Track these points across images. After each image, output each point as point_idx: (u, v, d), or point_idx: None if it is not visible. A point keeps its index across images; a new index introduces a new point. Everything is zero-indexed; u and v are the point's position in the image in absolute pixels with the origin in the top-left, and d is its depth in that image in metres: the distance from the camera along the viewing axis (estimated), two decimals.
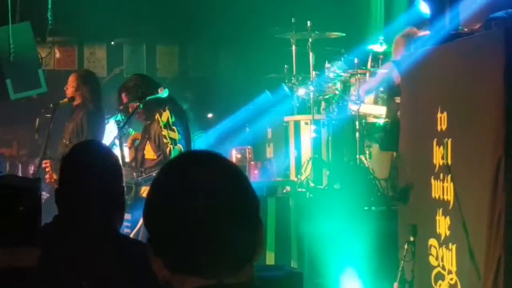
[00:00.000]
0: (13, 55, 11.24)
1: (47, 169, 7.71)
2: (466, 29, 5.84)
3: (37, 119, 7.86)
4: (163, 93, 6.77)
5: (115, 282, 3.06)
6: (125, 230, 5.96)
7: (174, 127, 6.69)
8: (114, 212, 3.29)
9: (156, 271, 1.83)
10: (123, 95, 6.99)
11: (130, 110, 6.92)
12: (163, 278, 1.81)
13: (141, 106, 6.69)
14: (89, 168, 3.23)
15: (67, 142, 7.91)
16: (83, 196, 3.17)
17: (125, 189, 3.43)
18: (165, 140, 6.69)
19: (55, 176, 7.42)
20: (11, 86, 11.26)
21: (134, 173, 6.64)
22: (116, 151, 6.67)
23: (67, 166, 3.30)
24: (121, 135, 6.91)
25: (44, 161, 7.81)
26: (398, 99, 7.17)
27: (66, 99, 7.98)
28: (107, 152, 3.52)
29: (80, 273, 3.04)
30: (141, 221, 6.41)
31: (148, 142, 6.84)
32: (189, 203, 1.75)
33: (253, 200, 1.83)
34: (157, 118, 6.75)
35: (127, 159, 7.06)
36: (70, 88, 8.21)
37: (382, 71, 7.85)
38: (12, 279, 2.31)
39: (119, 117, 7.09)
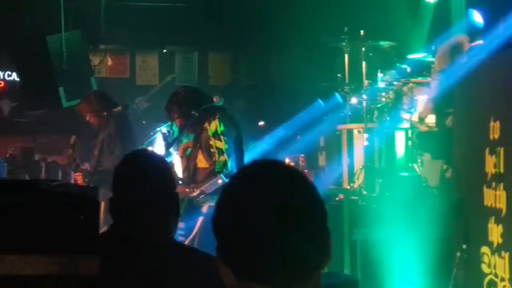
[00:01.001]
0: (65, 63, 11.41)
1: (78, 181, 7.79)
2: None
3: (73, 136, 7.95)
4: (220, 102, 6.79)
5: None
6: (179, 238, 6.01)
7: (221, 137, 6.67)
8: (169, 219, 3.33)
9: (223, 278, 1.86)
10: (174, 108, 6.96)
11: (178, 124, 6.90)
12: (230, 285, 1.84)
13: (196, 114, 6.68)
14: (143, 175, 3.27)
15: (97, 153, 7.99)
16: (137, 204, 3.22)
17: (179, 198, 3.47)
18: (212, 150, 6.69)
19: None
20: (63, 94, 11.43)
21: (187, 189, 6.65)
22: (170, 161, 6.70)
23: (121, 174, 3.34)
24: (172, 145, 6.92)
25: (76, 174, 7.91)
26: (449, 109, 7.14)
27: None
28: (159, 159, 3.57)
29: (138, 280, 3.09)
30: (195, 229, 6.47)
31: (199, 151, 6.83)
32: (257, 213, 1.77)
33: (321, 209, 1.85)
34: (206, 126, 6.73)
35: (178, 168, 7.06)
36: (88, 115, 8.28)
37: (434, 81, 7.83)
38: (76, 287, 2.36)
39: (166, 126, 7.12)
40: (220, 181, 6.45)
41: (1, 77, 14.37)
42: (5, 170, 4.40)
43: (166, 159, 6.20)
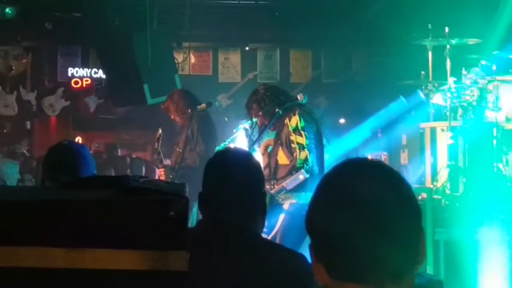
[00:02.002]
0: (150, 61, 11.56)
1: (161, 177, 7.88)
2: None
3: (159, 129, 8.04)
4: (303, 99, 6.79)
5: (260, 285, 3.13)
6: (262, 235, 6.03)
7: (302, 132, 6.66)
8: (256, 216, 3.38)
9: (316, 276, 1.87)
10: (254, 106, 6.99)
11: (259, 122, 6.94)
12: (323, 284, 1.85)
13: (280, 112, 6.71)
14: (232, 172, 3.35)
15: (180, 150, 8.07)
16: (227, 200, 3.29)
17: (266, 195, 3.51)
18: (292, 145, 6.68)
19: None
20: (148, 91, 11.59)
21: (267, 186, 6.67)
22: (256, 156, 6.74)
23: (210, 171, 3.42)
24: (255, 143, 6.95)
25: (159, 169, 8.00)
26: None
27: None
28: (249, 157, 3.64)
29: (225, 276, 3.13)
30: (277, 226, 6.49)
31: (280, 147, 6.83)
32: (352, 213, 1.78)
33: (415, 209, 1.85)
34: (287, 122, 6.73)
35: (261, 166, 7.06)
36: (169, 112, 8.36)
37: None
38: (166, 282, 2.39)
39: (248, 123, 7.16)
40: (301, 177, 6.46)
41: (88, 74, 14.65)
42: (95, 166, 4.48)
43: None
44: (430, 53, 8.85)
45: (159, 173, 7.94)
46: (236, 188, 3.31)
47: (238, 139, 7.90)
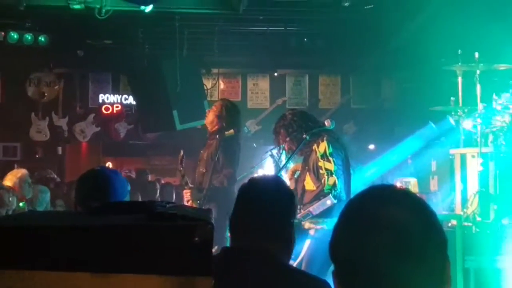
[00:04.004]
0: (180, 87, 11.63)
1: (187, 199, 7.88)
2: None
3: (181, 150, 8.05)
4: (331, 125, 6.80)
5: None
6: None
7: (330, 158, 6.66)
8: (283, 245, 3.38)
9: None
10: (281, 131, 6.99)
11: (286, 147, 6.94)
12: None
13: (307, 138, 6.71)
14: (262, 200, 3.39)
15: (204, 170, 8.07)
16: (254, 227, 3.32)
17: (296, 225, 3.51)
18: (321, 171, 6.67)
19: (194, 205, 7.58)
20: (177, 116, 11.66)
21: None
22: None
23: (241, 197, 3.46)
24: (282, 168, 6.94)
25: (184, 190, 8.00)
26: None
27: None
28: (281, 186, 3.64)
29: None
30: (302, 252, 6.47)
31: (307, 173, 6.83)
32: (376, 239, 1.77)
33: (440, 237, 1.83)
34: (315, 148, 6.73)
35: None
36: (212, 114, 8.34)
37: None
38: None
39: (276, 149, 7.17)
40: (328, 202, 6.45)
41: (118, 100, 14.78)
42: (128, 191, 4.54)
43: None
44: (459, 78, 8.79)
45: (185, 194, 7.94)
46: (264, 216, 3.33)
47: (266, 165, 7.90)
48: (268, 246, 3.29)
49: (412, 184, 9.22)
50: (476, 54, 8.41)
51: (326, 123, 6.83)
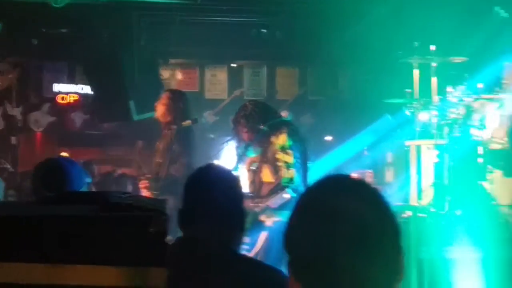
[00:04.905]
0: (137, 77, 11.58)
1: (143, 189, 7.85)
2: None
3: (139, 141, 8.02)
4: (288, 116, 6.81)
5: None
6: (243, 252, 6.01)
7: (289, 151, 6.67)
8: (234, 233, 3.39)
9: None
10: (241, 121, 6.98)
11: (245, 138, 6.93)
12: None
13: (265, 129, 6.70)
14: (211, 189, 3.37)
15: (160, 161, 8.05)
16: (206, 217, 3.30)
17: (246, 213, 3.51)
18: (278, 163, 6.68)
19: (151, 196, 7.56)
20: (134, 107, 11.59)
21: (251, 203, 6.65)
22: (239, 173, 6.73)
23: (190, 188, 3.44)
24: (240, 159, 6.94)
25: (141, 181, 7.97)
26: None
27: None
28: (228, 174, 3.66)
29: None
30: (258, 243, 6.47)
31: (265, 165, 6.84)
32: (330, 230, 1.76)
33: (395, 228, 1.84)
34: (274, 140, 6.74)
35: (244, 182, 7.08)
36: (160, 106, 8.32)
37: (505, 97, 7.72)
38: None
39: (234, 139, 7.16)
40: (286, 196, 6.46)
41: (74, 90, 14.64)
42: (86, 182, 4.50)
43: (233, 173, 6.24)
44: (416, 71, 8.85)
45: (142, 185, 7.90)
46: (215, 205, 3.32)
47: (224, 155, 7.90)
48: (223, 235, 3.29)
49: (368, 176, 9.28)
50: (432, 47, 8.47)
51: (283, 114, 6.85)
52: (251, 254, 6.33)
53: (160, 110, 8.30)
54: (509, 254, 6.64)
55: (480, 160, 7.47)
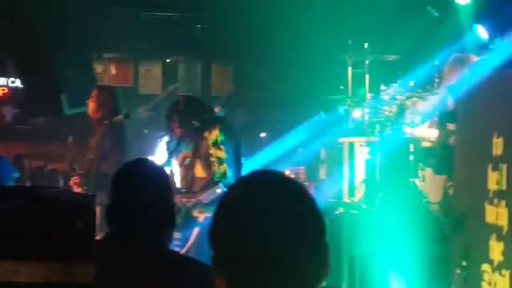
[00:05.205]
0: (69, 71, 11.45)
1: (75, 185, 7.77)
2: None
3: (70, 137, 7.92)
4: (220, 112, 6.81)
5: None
6: (175, 248, 5.99)
7: (221, 146, 6.67)
8: (164, 228, 3.36)
9: None
10: (174, 116, 6.96)
11: (178, 133, 6.91)
12: None
13: (197, 124, 6.69)
14: (140, 184, 3.34)
15: (92, 157, 7.98)
16: (133, 212, 3.26)
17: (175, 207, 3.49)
18: (211, 159, 6.68)
19: (82, 192, 7.49)
20: (66, 101, 11.46)
21: (184, 199, 6.64)
22: (169, 170, 6.71)
23: (118, 182, 3.40)
24: (173, 154, 6.92)
25: (72, 178, 7.89)
26: (450, 125, 7.12)
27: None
28: (158, 169, 3.62)
29: None
30: (191, 239, 6.46)
31: (198, 160, 6.84)
32: (254, 226, 1.75)
33: (318, 223, 1.83)
34: (206, 135, 6.74)
35: (177, 178, 7.06)
36: (92, 103, 8.25)
37: (436, 95, 7.82)
38: None
39: (168, 135, 7.15)
40: (218, 191, 6.45)
41: (5, 83, 14.38)
42: (13, 177, 4.42)
43: (166, 167, 6.21)
44: (349, 68, 8.92)
45: (73, 181, 7.81)
46: (143, 200, 3.28)
47: (158, 151, 7.86)
48: (152, 231, 3.26)
49: (301, 173, 9.31)
50: (365, 45, 8.55)
51: (216, 110, 6.85)
52: (183, 250, 6.32)
53: (90, 107, 8.22)
54: (439, 251, 6.72)
55: (411, 157, 7.54)
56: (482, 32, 8.10)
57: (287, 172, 9.28)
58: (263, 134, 12.76)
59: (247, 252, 1.74)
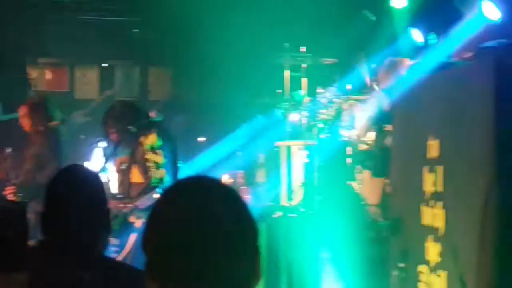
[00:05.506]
0: (2, 77, 11.27)
1: (9, 195, 7.66)
2: (457, 58, 5.87)
3: (7, 149, 7.82)
4: (158, 117, 6.77)
5: None
6: (113, 254, 5.93)
7: (158, 151, 6.65)
8: (99, 235, 3.33)
9: None
10: (110, 122, 6.91)
11: (114, 138, 6.86)
12: None
13: (133, 129, 6.64)
14: (74, 191, 3.30)
15: (28, 167, 7.89)
16: (67, 219, 3.22)
17: (111, 213, 3.45)
18: (148, 164, 6.65)
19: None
20: (0, 107, 11.28)
21: (120, 204, 6.59)
22: (105, 176, 6.65)
23: (52, 190, 3.34)
24: (109, 160, 6.86)
25: (8, 187, 7.78)
26: (387, 127, 7.18)
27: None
28: (92, 175, 3.57)
29: None
30: (128, 245, 6.40)
31: (134, 166, 6.80)
32: (185, 230, 1.75)
33: (250, 229, 1.84)
34: (142, 140, 6.71)
35: (114, 183, 7.02)
36: (22, 116, 8.16)
37: (372, 98, 7.87)
38: None
39: (105, 141, 7.10)
40: (155, 196, 6.40)
41: None
42: None
43: (101, 173, 6.15)
44: (287, 72, 8.94)
45: (8, 192, 7.69)
46: (78, 207, 3.24)
47: (94, 156, 7.78)
48: (87, 237, 3.23)
49: (240, 177, 9.30)
50: (302, 48, 8.58)
51: (152, 114, 6.80)
52: (121, 256, 6.27)
53: (23, 121, 8.12)
54: (376, 253, 6.75)
55: (349, 160, 7.58)
56: (417, 35, 8.18)
57: (225, 176, 9.27)
58: (202, 138, 12.72)
59: (172, 262, 1.74)
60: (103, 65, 14.90)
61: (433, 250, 5.29)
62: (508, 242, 4.53)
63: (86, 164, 7.68)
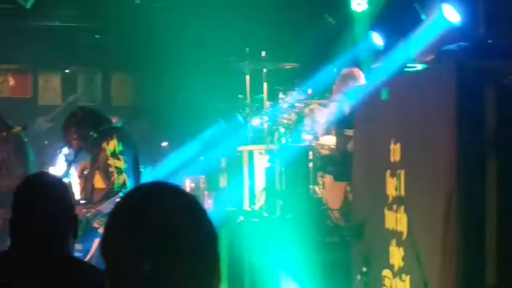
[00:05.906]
0: None
1: None
2: (418, 61, 5.88)
3: None
4: (118, 123, 6.76)
5: None
6: None
7: (120, 156, 6.65)
8: (68, 240, 3.38)
9: None
10: (71, 128, 6.88)
11: (75, 145, 6.84)
12: None
13: (95, 135, 6.63)
14: (41, 198, 3.34)
15: None
16: (35, 225, 3.27)
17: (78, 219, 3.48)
18: (110, 169, 6.65)
19: None
20: None
21: (84, 209, 6.57)
22: (68, 181, 6.62)
23: (19, 196, 3.39)
24: (71, 165, 6.85)
25: None
26: (348, 131, 7.19)
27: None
28: (57, 182, 3.60)
29: None
30: (91, 250, 6.38)
31: (97, 171, 6.79)
32: (144, 237, 1.74)
33: (209, 235, 1.83)
34: (104, 146, 6.70)
35: (76, 189, 6.99)
36: None
37: (334, 102, 7.89)
38: None
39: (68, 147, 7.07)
40: (118, 200, 6.37)
41: None
42: None
43: (64, 179, 6.11)
44: (247, 77, 8.94)
45: None
46: (44, 214, 3.30)
47: (58, 162, 7.73)
48: (55, 243, 3.29)
49: (202, 181, 9.28)
50: (263, 53, 8.58)
51: (114, 120, 6.79)
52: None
53: None
54: (339, 257, 6.75)
55: (311, 165, 7.58)
56: (377, 39, 8.20)
57: (188, 181, 9.24)
58: (164, 143, 12.69)
59: (135, 264, 1.73)
60: (65, 71, 14.82)
61: (396, 254, 5.29)
62: (470, 246, 4.55)
63: (52, 170, 7.64)
